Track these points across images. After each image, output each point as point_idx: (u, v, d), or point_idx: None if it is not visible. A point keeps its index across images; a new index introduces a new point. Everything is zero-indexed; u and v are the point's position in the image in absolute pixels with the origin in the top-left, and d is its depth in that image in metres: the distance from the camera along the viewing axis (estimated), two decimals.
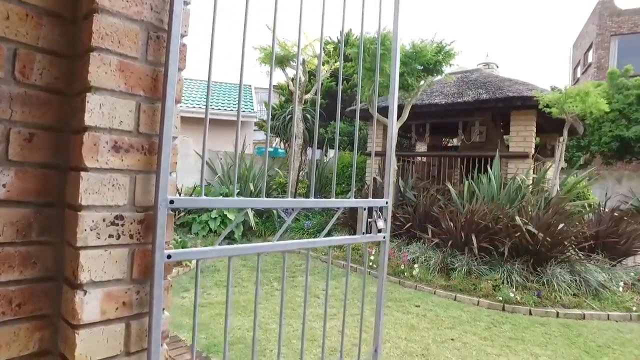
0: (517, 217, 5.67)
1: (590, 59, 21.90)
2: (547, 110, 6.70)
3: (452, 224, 6.14)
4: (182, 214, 8.42)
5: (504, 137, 11.45)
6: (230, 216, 8.38)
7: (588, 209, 6.51)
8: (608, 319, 4.86)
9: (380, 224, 1.81)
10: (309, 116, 10.82)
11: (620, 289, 5.20)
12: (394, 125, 1.95)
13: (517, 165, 7.61)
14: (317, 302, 4.95)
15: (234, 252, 1.34)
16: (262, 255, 1.43)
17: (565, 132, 6.51)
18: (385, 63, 7.00)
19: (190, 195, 8.35)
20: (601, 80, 13.65)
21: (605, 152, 13.60)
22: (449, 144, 13.45)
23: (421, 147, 13.29)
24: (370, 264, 6.49)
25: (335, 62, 11.29)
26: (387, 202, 1.88)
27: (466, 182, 7.07)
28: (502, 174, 7.70)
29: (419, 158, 11.22)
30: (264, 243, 1.42)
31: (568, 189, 6.78)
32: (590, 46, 22.26)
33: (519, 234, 5.49)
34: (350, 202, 1.72)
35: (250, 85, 17.80)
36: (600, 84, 6.45)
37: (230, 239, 8.19)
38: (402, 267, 6.07)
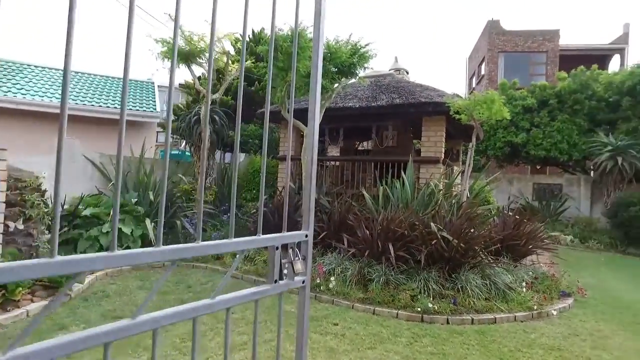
0: (432, 224, 5.65)
1: (483, 71, 24.00)
2: (457, 116, 6.88)
3: (368, 232, 5.95)
4: (66, 228, 7.15)
5: (414, 141, 11.84)
6: (126, 230, 7.33)
7: (493, 213, 6.83)
8: (515, 320, 5.00)
9: (299, 265, 1.36)
10: (217, 117, 10.06)
11: (524, 289, 5.42)
12: (315, 134, 1.51)
13: (429, 170, 7.75)
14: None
15: (64, 350, 0.78)
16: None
17: (474, 138, 6.74)
18: (299, 62, 6.62)
19: (77, 206, 7.12)
20: (493, 91, 14.96)
21: (499, 156, 14.88)
22: (360, 148, 13.59)
23: (333, 151, 13.25)
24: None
25: (246, 60, 10.68)
26: (307, 236, 1.43)
27: (381, 188, 6.98)
28: (414, 178, 7.79)
29: (332, 162, 11.08)
30: (120, 323, 0.88)
31: (476, 193, 7.06)
32: (483, 60, 24.43)
33: (434, 241, 5.46)
34: (256, 241, 1.24)
35: (152, 82, 16.30)
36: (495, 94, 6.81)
37: None
38: (318, 281, 5.72)
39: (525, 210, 12.55)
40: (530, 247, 6.26)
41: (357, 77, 8.17)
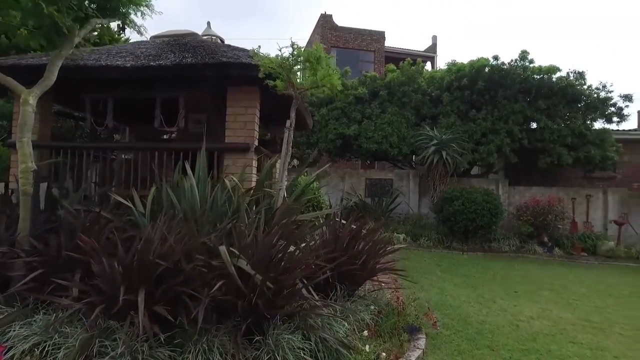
0: (221, 248, 3.31)
1: None
2: (272, 83, 4.70)
3: (117, 269, 3.26)
4: None
5: None
6: None
7: (322, 221, 4.89)
8: None
9: None
10: None
11: (366, 346, 3.50)
12: None
13: (235, 162, 5.44)
14: None
15: None
16: None
17: (293, 114, 4.64)
18: None
19: None
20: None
21: (331, 150, 13.69)
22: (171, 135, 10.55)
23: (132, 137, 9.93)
24: None
25: None
26: None
27: (152, 190, 4.37)
28: (220, 175, 5.41)
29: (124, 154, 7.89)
30: None
31: (298, 193, 5.04)
32: None
33: (223, 281, 3.13)
34: None
35: None
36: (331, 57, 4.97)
37: None
38: None
39: (359, 208, 11.47)
40: (371, 266, 4.47)
41: (144, 31, 5.40)
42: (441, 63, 25.99)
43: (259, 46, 4.54)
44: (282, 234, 3.72)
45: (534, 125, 13.07)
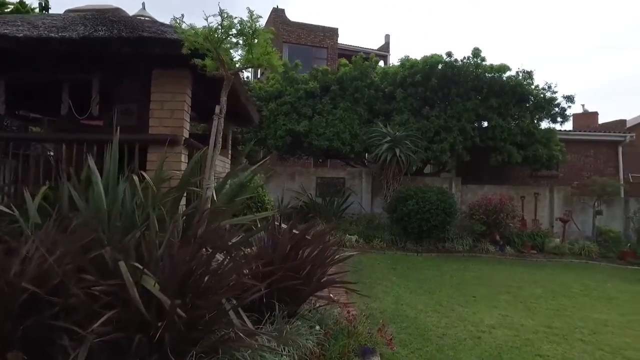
0: (121, 264, 2.52)
1: None
2: (200, 62, 3.94)
3: None
4: None
5: None
6: None
7: (261, 225, 4.17)
8: None
9: None
10: None
11: None
12: None
13: (161, 157, 4.61)
14: None
15: None
16: None
17: (224, 98, 3.88)
18: None
19: None
20: (275, 74, 12.97)
21: (280, 147, 12.96)
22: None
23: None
24: None
25: None
26: None
27: (42, 190, 3.48)
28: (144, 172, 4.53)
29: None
30: None
31: (233, 193, 4.29)
32: None
33: (115, 310, 2.35)
34: None
35: None
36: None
37: None
38: None
39: (309, 208, 10.84)
40: (317, 278, 3.82)
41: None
42: (394, 62, 25.97)
43: (182, 15, 3.73)
44: (204, 243, 2.99)
45: (485, 123, 13.08)
